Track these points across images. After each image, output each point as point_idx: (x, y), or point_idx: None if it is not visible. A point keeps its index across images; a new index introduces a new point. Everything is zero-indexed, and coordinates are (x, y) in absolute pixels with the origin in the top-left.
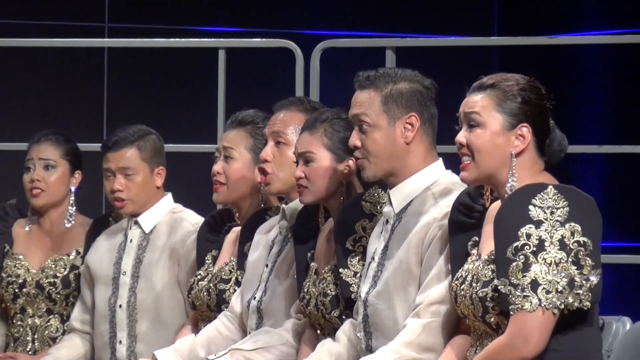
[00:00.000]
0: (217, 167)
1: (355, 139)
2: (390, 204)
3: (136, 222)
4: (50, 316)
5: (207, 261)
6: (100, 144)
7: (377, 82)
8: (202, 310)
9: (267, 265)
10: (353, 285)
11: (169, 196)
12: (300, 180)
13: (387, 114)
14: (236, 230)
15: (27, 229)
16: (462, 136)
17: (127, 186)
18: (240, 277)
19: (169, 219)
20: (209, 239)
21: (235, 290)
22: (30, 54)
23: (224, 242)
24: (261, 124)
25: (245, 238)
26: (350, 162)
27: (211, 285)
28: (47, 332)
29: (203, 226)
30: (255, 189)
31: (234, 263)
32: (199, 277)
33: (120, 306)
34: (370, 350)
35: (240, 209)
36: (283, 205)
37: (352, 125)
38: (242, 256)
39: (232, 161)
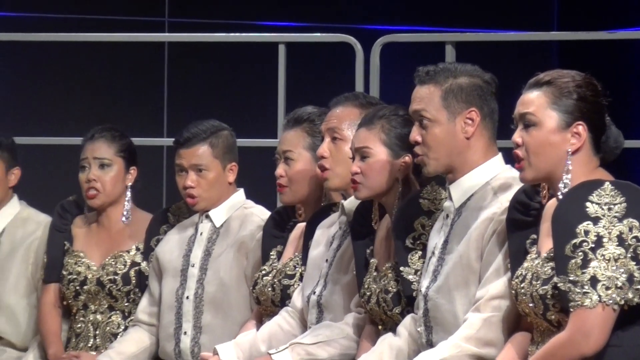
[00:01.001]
0: (279, 170)
1: (415, 135)
2: (450, 198)
3: (207, 216)
4: (112, 312)
5: (271, 256)
6: (160, 139)
7: (437, 77)
8: (266, 305)
9: (326, 260)
10: (414, 283)
11: (240, 192)
12: (355, 176)
13: (447, 109)
14: (301, 226)
15: (86, 226)
16: (517, 136)
17: (199, 183)
18: (304, 273)
19: (240, 214)
20: (274, 234)
21: (299, 286)
22: (90, 49)
23: (289, 237)
24: (317, 121)
25: (310, 234)
26: (407, 159)
27: (275, 280)
28: (108, 328)
29: (268, 222)
30: (318, 186)
31: (298, 259)
32: (263, 272)
33: (187, 297)
34: (430, 344)
35: (305, 206)
36: (342, 201)
37: (409, 121)
38: (306, 252)
39: (292, 162)
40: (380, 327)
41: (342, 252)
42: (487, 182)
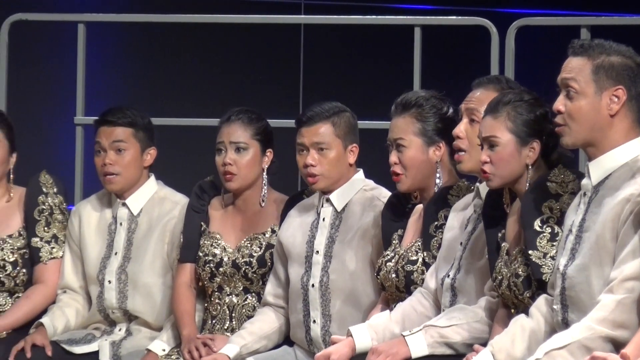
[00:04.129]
0: (393, 157)
1: (559, 104)
2: (589, 176)
3: (328, 200)
4: (247, 295)
5: (393, 241)
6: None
7: (591, 51)
8: (391, 291)
9: (461, 244)
10: (543, 266)
11: (360, 173)
12: (485, 165)
13: (595, 83)
14: (419, 208)
15: (222, 208)
16: None
17: (320, 161)
18: (427, 258)
19: (361, 197)
20: (393, 219)
21: (422, 271)
22: (227, 30)
23: (409, 221)
24: (426, 105)
25: (429, 218)
26: (535, 144)
27: (399, 267)
28: (244, 310)
29: (387, 206)
30: (432, 170)
31: (419, 243)
32: (386, 258)
33: (312, 285)
34: (566, 323)
35: (421, 190)
36: (478, 184)
37: (535, 106)
38: (427, 236)
39: (404, 149)
40: (512, 310)
41: (477, 236)
42: (627, 162)
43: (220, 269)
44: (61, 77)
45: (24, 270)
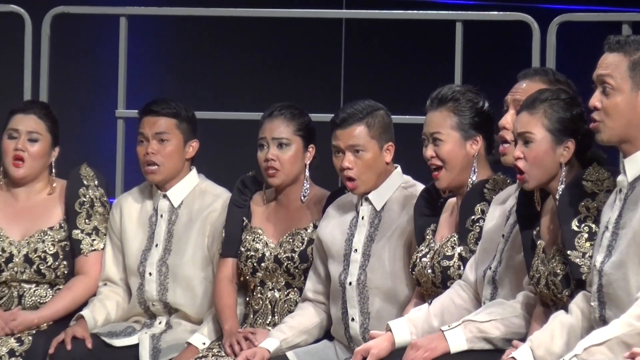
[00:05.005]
0: (429, 151)
1: (595, 100)
2: (624, 172)
3: (367, 199)
4: (289, 290)
5: (427, 236)
6: None
7: (627, 48)
8: (427, 286)
9: (503, 236)
10: (583, 266)
11: (398, 170)
12: (518, 162)
13: (632, 79)
14: (451, 203)
15: (264, 203)
16: None
17: (356, 163)
18: (463, 252)
19: (399, 196)
20: (425, 213)
21: (459, 266)
22: (269, 24)
23: (441, 215)
24: (462, 99)
25: (466, 212)
26: (569, 144)
27: (435, 262)
28: (286, 305)
29: (419, 200)
30: (469, 164)
31: (455, 238)
32: (421, 253)
33: (350, 283)
34: (603, 320)
35: (457, 185)
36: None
37: (572, 105)
38: (463, 231)
39: (441, 143)
40: (552, 307)
41: (518, 228)
42: None
43: (262, 264)
44: (103, 70)
45: (65, 263)
